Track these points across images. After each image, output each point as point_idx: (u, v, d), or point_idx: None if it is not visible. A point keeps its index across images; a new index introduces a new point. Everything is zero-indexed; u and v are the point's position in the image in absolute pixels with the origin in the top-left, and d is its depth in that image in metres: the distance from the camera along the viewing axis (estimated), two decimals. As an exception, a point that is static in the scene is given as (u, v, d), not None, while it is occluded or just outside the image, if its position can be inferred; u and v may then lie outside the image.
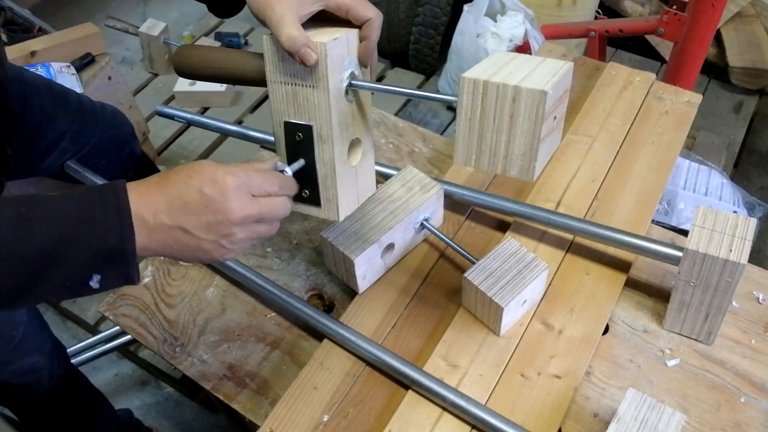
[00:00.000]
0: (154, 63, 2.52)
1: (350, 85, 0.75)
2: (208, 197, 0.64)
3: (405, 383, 0.91)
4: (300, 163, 0.77)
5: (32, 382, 1.23)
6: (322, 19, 0.74)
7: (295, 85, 0.73)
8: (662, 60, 2.53)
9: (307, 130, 0.74)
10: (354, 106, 0.78)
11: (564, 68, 0.71)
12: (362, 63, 0.77)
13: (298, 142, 0.76)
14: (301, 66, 0.70)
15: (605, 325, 0.97)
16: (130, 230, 0.62)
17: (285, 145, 0.77)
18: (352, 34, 0.75)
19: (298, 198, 0.79)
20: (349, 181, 0.81)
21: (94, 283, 0.62)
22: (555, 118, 0.73)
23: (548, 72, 0.69)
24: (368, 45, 0.76)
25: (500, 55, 0.76)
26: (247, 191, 0.67)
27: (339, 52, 0.72)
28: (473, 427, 0.86)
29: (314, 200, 0.80)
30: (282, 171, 0.74)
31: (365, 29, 0.76)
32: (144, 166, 1.46)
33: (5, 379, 1.17)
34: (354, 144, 0.80)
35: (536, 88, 0.66)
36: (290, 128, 0.75)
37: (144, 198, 0.64)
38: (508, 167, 0.71)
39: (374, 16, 0.76)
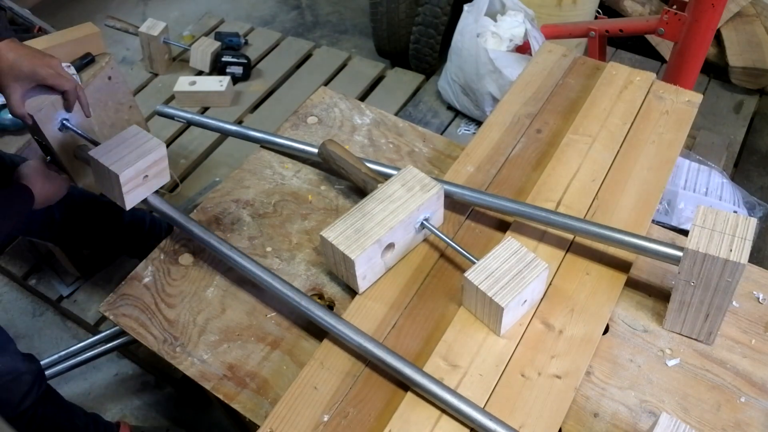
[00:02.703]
0: (154, 63, 2.52)
1: (63, 125, 1.18)
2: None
3: (405, 383, 0.91)
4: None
5: (10, 384, 1.23)
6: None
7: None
8: (662, 60, 2.53)
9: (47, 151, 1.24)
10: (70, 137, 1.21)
11: None
12: (69, 110, 1.17)
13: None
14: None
15: (605, 325, 0.97)
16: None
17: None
18: (57, 98, 1.14)
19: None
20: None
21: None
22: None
23: None
24: (69, 102, 1.15)
25: None
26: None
27: (45, 113, 1.14)
28: (472, 429, 0.86)
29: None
30: None
31: (65, 95, 1.14)
32: (72, 204, 1.53)
33: None
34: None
35: None
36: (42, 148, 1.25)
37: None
38: None
39: (69, 89, 1.13)
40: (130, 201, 1.12)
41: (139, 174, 1.10)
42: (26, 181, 1.16)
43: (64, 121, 1.18)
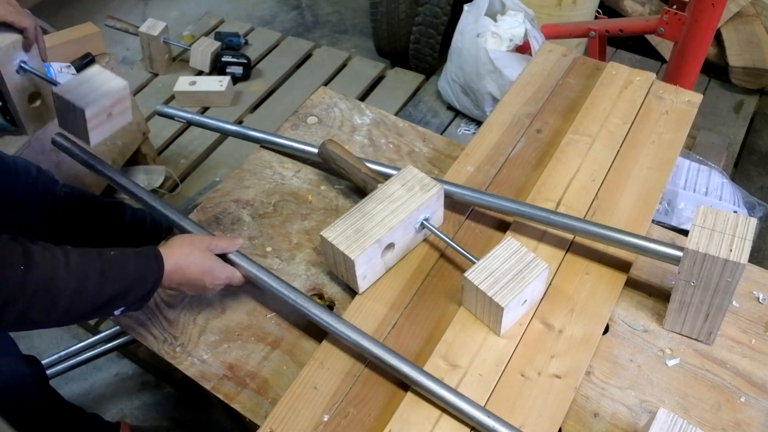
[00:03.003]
0: (154, 63, 2.52)
1: (21, 68, 1.18)
2: (203, 279, 1.01)
3: (405, 383, 0.91)
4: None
5: (12, 387, 1.23)
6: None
7: None
8: (662, 60, 2.53)
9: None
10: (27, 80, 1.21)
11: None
12: (28, 49, 1.16)
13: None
14: None
15: (605, 324, 0.97)
16: (160, 280, 0.97)
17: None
18: (16, 39, 1.14)
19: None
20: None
21: (118, 311, 0.95)
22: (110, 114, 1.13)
23: None
24: (29, 41, 1.15)
25: None
26: (227, 278, 1.05)
27: (4, 54, 1.14)
28: (473, 428, 0.86)
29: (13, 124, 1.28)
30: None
31: (25, 33, 1.14)
32: (73, 205, 1.51)
33: None
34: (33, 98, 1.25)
35: None
36: None
37: (169, 274, 0.98)
38: None
39: (28, 26, 1.14)
40: (94, 137, 1.14)
41: (103, 111, 1.12)
42: (166, 247, 1.00)
43: (22, 63, 1.17)
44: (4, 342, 1.25)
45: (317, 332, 1.04)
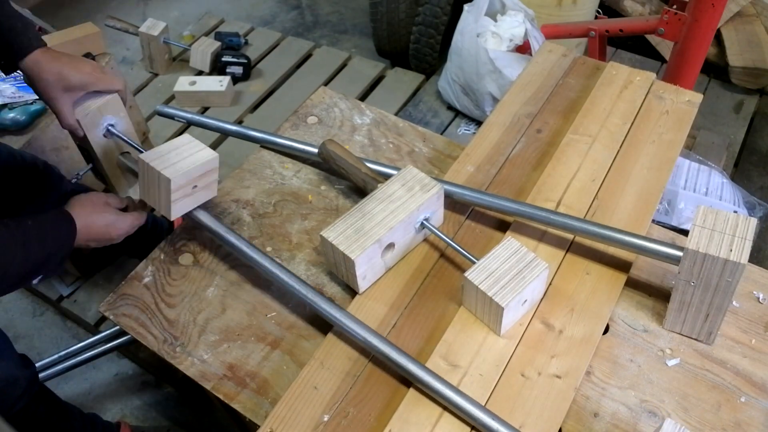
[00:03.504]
0: (154, 63, 2.52)
1: (108, 131, 1.18)
2: (104, 231, 1.08)
3: (407, 379, 0.91)
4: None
5: (5, 388, 1.23)
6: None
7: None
8: (662, 60, 2.53)
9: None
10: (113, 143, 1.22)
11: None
12: (117, 113, 1.18)
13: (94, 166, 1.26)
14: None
15: (605, 324, 0.97)
16: (73, 240, 1.02)
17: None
18: (102, 103, 1.14)
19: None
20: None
21: (36, 281, 0.98)
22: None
23: None
24: (125, 99, 1.18)
25: None
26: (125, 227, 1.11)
27: (91, 118, 1.14)
28: (473, 428, 0.86)
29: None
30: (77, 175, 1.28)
31: (120, 93, 1.16)
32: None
33: None
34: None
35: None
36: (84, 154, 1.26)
37: (81, 226, 1.04)
38: None
39: (121, 88, 1.15)
40: (176, 211, 1.08)
41: (189, 183, 1.06)
42: (70, 209, 1.06)
43: (110, 127, 1.17)
44: (1, 345, 1.25)
45: (318, 331, 1.04)
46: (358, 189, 1.21)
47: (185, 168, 1.04)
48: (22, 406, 1.27)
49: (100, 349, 1.71)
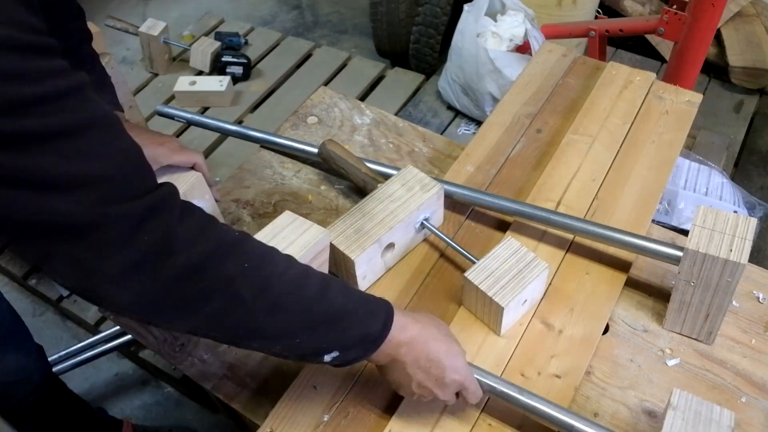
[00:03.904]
0: (154, 63, 2.52)
1: None
2: (446, 362, 0.79)
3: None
4: None
5: (19, 381, 1.23)
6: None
7: None
8: (662, 59, 2.53)
9: None
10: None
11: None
12: (209, 183, 1.11)
13: None
14: None
15: (605, 324, 0.97)
16: (388, 331, 0.76)
17: None
18: (189, 185, 1.05)
19: None
20: None
21: (328, 357, 0.75)
22: None
23: None
24: (205, 174, 1.09)
25: None
26: (469, 377, 0.82)
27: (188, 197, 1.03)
28: (479, 416, 0.86)
29: None
30: None
31: (197, 167, 1.08)
32: None
33: None
34: None
35: None
36: None
37: (404, 330, 0.78)
38: None
39: (198, 161, 1.07)
40: None
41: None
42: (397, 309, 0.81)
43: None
44: (20, 336, 1.25)
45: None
46: (358, 189, 1.21)
47: (296, 253, 0.93)
48: (34, 400, 1.27)
49: (100, 349, 1.71)
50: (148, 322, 0.90)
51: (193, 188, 1.04)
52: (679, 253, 0.91)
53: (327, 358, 0.74)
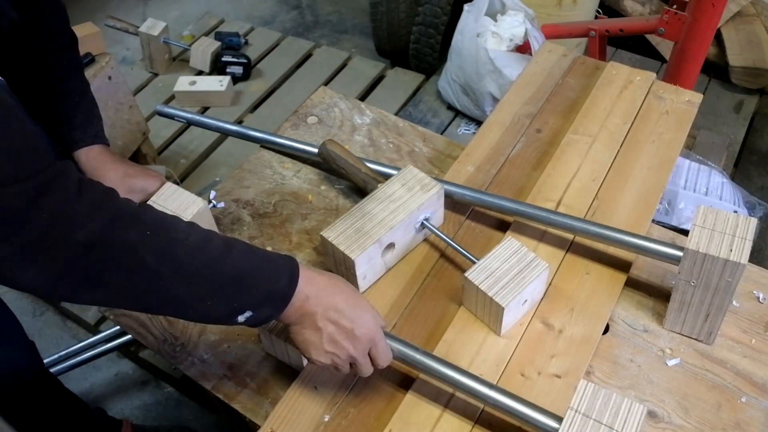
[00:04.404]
0: (154, 63, 2.52)
1: None
2: (350, 309, 0.80)
3: (408, 377, 0.91)
4: None
5: (5, 377, 1.22)
6: None
7: None
8: (662, 59, 2.53)
9: None
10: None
11: None
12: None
13: None
14: None
15: (605, 324, 0.97)
16: (295, 285, 0.78)
17: None
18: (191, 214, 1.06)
19: None
20: None
21: (242, 317, 0.76)
22: None
23: None
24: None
25: None
26: (377, 322, 0.83)
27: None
28: (480, 414, 0.86)
29: None
30: None
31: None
32: None
33: None
34: None
35: None
36: None
37: (310, 282, 0.79)
38: None
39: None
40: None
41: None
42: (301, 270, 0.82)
43: None
44: (7, 330, 1.24)
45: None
46: (358, 189, 1.21)
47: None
48: (22, 396, 1.26)
49: (100, 349, 1.71)
50: (59, 299, 0.92)
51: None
52: (679, 253, 0.91)
53: (241, 318, 0.75)
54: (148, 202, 0.99)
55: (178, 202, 0.99)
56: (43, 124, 1.18)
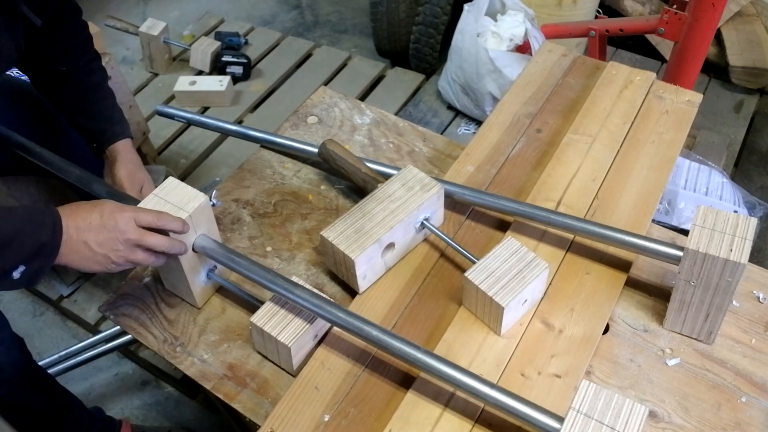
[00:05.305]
0: (154, 63, 2.52)
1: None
2: (105, 220, 0.90)
3: (409, 375, 0.91)
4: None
5: None
6: None
7: None
8: (662, 59, 2.53)
9: None
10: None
11: None
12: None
13: None
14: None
15: (605, 324, 0.97)
16: (59, 231, 0.87)
17: None
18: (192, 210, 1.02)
19: None
20: None
21: (17, 273, 0.84)
22: None
23: None
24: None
25: None
26: (134, 220, 0.91)
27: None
28: (480, 414, 0.86)
29: None
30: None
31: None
32: None
33: None
34: None
35: None
36: None
37: (67, 217, 0.89)
38: None
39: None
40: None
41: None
42: (63, 210, 0.91)
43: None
44: None
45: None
46: (358, 189, 1.21)
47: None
48: (6, 392, 1.25)
49: (100, 349, 1.71)
50: None
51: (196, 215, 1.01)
52: (680, 253, 0.91)
53: (16, 275, 0.84)
54: (149, 195, 1.00)
55: (180, 197, 0.99)
56: (82, 120, 1.35)
